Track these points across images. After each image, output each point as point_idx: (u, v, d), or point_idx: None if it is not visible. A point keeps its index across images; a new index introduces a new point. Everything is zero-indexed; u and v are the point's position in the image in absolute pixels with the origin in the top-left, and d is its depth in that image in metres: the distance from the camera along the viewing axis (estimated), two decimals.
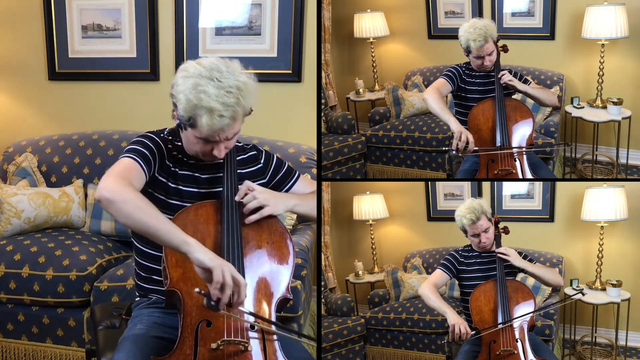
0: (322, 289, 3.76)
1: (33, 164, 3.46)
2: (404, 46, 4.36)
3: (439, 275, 2.50)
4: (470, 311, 2.35)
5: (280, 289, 1.76)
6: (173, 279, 1.68)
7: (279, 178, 2.01)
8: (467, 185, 4.00)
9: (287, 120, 3.60)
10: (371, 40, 4.19)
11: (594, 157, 3.74)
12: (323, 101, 3.85)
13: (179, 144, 1.86)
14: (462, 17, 4.09)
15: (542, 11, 3.84)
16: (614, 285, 3.44)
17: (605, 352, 3.61)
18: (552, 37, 3.85)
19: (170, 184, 1.83)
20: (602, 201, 3.43)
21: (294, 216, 3.12)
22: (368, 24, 4.13)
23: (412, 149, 3.81)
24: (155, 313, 1.84)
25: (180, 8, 3.59)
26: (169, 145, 1.85)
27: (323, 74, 3.86)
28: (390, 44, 4.35)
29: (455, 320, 2.26)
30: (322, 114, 3.85)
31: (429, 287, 2.42)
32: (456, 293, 3.90)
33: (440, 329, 3.61)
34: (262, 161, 1.99)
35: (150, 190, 1.83)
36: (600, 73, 3.55)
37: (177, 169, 1.84)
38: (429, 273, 4.02)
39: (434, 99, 2.45)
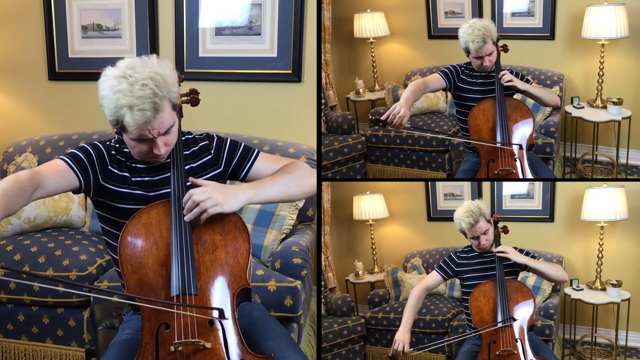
0: (322, 289, 3.76)
1: (33, 164, 3.46)
2: (404, 46, 4.36)
3: (433, 277, 2.53)
4: (470, 311, 2.36)
5: (238, 279, 1.73)
6: (130, 287, 1.69)
7: (236, 163, 1.91)
8: (467, 185, 4.00)
9: (287, 120, 3.60)
10: (371, 40, 4.19)
11: (594, 157, 3.74)
12: (323, 101, 3.85)
13: (128, 150, 1.84)
14: (462, 17, 4.09)
15: (542, 11, 3.84)
16: (614, 285, 3.44)
17: (605, 352, 3.61)
18: (552, 37, 3.85)
19: (122, 190, 1.81)
20: (602, 201, 3.43)
21: (294, 216, 3.12)
22: (368, 24, 4.13)
23: (412, 149, 3.81)
24: None
25: (180, 8, 3.59)
26: (113, 152, 1.83)
27: (323, 74, 3.86)
28: (390, 44, 4.35)
29: (397, 336, 2.32)
30: (322, 114, 3.85)
31: (417, 291, 2.46)
32: (456, 293, 3.91)
33: (440, 329, 3.61)
34: (213, 151, 1.90)
35: (102, 200, 1.82)
36: (600, 73, 3.55)
37: (127, 174, 1.82)
38: (428, 273, 4.01)
39: (412, 84, 2.42)
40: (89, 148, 1.82)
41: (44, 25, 3.73)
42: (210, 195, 1.69)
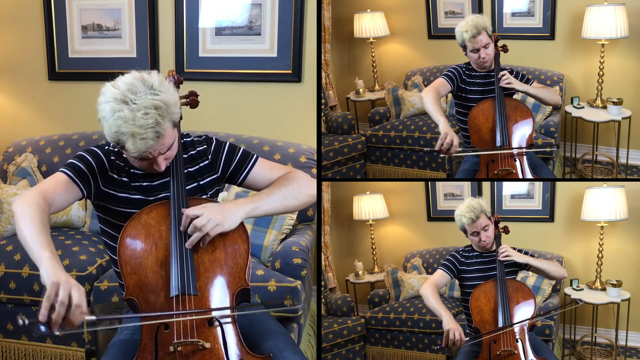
0: (322, 289, 3.76)
1: (33, 164, 3.46)
2: (404, 46, 4.36)
3: (440, 275, 2.50)
4: (471, 311, 2.36)
5: (237, 280, 1.73)
6: (129, 287, 1.69)
7: (233, 168, 1.90)
8: (467, 185, 4.00)
9: (287, 120, 3.60)
10: (371, 40, 4.19)
11: (594, 157, 3.74)
12: (323, 101, 3.85)
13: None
14: (462, 17, 4.07)
15: (542, 11, 3.84)
16: (614, 285, 3.44)
17: (605, 352, 3.61)
18: (552, 37, 3.85)
19: (122, 194, 1.81)
20: (602, 201, 3.43)
21: (294, 216, 3.12)
22: (368, 24, 4.13)
23: (412, 149, 3.81)
24: None
25: (180, 8, 3.59)
26: (112, 157, 1.83)
27: (323, 74, 3.86)
28: (390, 44, 4.35)
29: (450, 326, 2.24)
30: (322, 114, 3.85)
31: (430, 288, 2.42)
32: (456, 293, 3.91)
33: (440, 329, 3.60)
34: (210, 156, 1.89)
35: (103, 204, 1.83)
36: (600, 73, 3.55)
37: (126, 179, 1.82)
38: (429, 273, 4.02)
39: (430, 98, 2.44)
40: (89, 157, 1.80)
41: (44, 25, 3.73)
42: (210, 218, 1.69)
